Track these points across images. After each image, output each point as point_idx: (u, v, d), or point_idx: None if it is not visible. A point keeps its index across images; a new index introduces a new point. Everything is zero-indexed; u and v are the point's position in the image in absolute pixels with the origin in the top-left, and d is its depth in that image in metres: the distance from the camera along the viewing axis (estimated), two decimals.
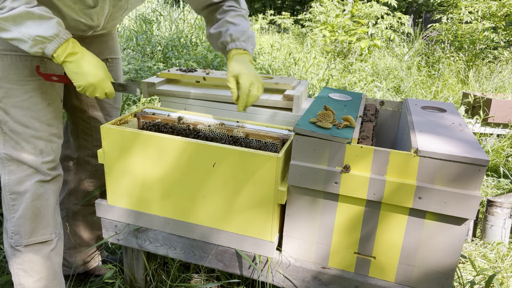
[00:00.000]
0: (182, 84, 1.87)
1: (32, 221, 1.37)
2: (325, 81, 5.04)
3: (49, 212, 1.40)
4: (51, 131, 1.37)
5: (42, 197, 1.37)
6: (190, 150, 1.29)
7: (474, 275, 1.88)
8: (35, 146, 1.34)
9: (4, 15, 1.08)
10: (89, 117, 1.61)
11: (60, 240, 1.47)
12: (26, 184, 1.35)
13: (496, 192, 2.86)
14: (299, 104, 1.64)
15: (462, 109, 3.87)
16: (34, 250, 1.39)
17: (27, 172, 1.35)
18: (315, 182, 1.23)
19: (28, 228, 1.37)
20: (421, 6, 14.62)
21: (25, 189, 1.35)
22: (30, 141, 1.33)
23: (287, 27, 11.00)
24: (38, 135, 1.34)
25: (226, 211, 1.33)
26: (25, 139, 1.32)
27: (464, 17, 7.35)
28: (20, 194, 1.35)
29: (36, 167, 1.35)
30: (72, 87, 1.50)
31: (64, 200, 1.70)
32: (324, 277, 1.32)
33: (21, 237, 1.37)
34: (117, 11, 1.36)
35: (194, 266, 1.73)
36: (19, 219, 1.36)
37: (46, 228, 1.40)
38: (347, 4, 7.69)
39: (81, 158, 1.67)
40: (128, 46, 5.18)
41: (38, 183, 1.36)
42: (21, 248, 1.38)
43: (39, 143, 1.34)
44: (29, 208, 1.36)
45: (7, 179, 1.35)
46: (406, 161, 1.13)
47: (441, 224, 1.16)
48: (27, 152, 1.33)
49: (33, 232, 1.38)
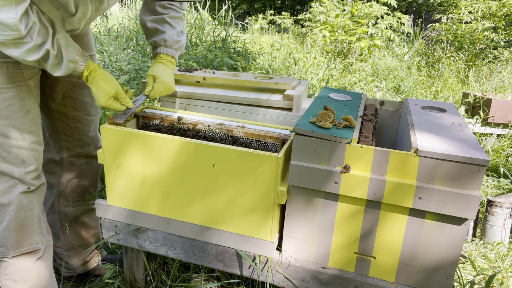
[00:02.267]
0: (182, 84, 1.87)
1: (18, 232, 1.34)
2: (325, 81, 5.04)
3: (34, 222, 1.37)
4: (32, 139, 1.33)
5: (27, 207, 1.34)
6: (190, 150, 1.29)
7: (474, 275, 1.88)
8: (16, 156, 1.30)
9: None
10: (68, 117, 1.58)
11: (48, 247, 1.45)
12: (9, 196, 1.31)
13: (496, 192, 2.86)
14: (299, 104, 1.64)
15: (462, 109, 3.87)
16: (21, 260, 1.37)
17: (10, 183, 1.31)
18: (315, 182, 1.23)
19: (14, 240, 1.34)
20: (421, 6, 14.62)
21: (8, 201, 1.31)
22: (11, 151, 1.29)
23: (287, 27, 11.00)
24: (19, 145, 1.30)
25: (226, 211, 1.33)
26: (5, 149, 1.28)
27: (464, 17, 7.35)
28: (3, 206, 1.32)
29: (19, 177, 1.31)
30: (47, 90, 1.51)
31: (54, 203, 1.67)
32: (324, 277, 1.32)
33: (7, 249, 1.34)
34: (98, 14, 1.39)
35: (194, 266, 1.73)
36: (4, 231, 1.33)
37: (32, 238, 1.38)
38: (347, 4, 7.69)
39: (64, 160, 1.64)
40: (128, 46, 5.18)
41: (22, 194, 1.32)
42: (7, 259, 1.35)
43: (21, 152, 1.31)
44: (14, 220, 1.32)
45: None
46: (406, 161, 1.13)
47: (441, 224, 1.16)
48: (8, 163, 1.29)
49: (20, 243, 1.35)
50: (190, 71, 1.97)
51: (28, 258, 1.37)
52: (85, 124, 1.62)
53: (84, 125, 1.62)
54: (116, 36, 5.49)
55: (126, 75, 3.69)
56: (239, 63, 4.75)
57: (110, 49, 4.82)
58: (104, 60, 4.33)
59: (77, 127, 1.60)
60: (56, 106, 1.55)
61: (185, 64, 4.40)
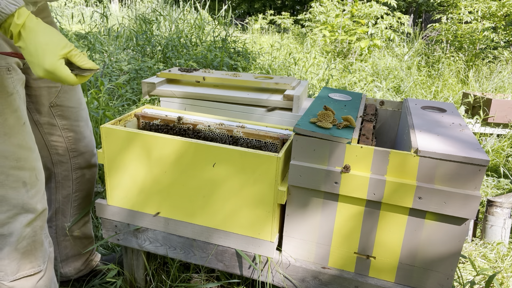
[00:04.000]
0: (182, 84, 1.87)
1: (19, 260, 1.20)
2: (325, 81, 5.04)
3: (37, 248, 1.24)
4: (32, 155, 1.16)
5: (29, 236, 1.20)
6: (190, 150, 1.29)
7: (474, 275, 1.88)
8: (16, 178, 1.13)
9: None
10: (58, 129, 1.43)
11: (50, 262, 1.32)
12: (10, 227, 1.16)
13: (496, 192, 2.86)
14: (299, 104, 1.64)
15: (462, 109, 3.87)
16: (22, 282, 1.23)
17: (9, 213, 1.14)
18: (315, 182, 1.23)
19: (14, 267, 1.20)
20: (421, 6, 14.62)
21: (9, 232, 1.16)
22: (11, 174, 1.11)
23: (287, 27, 11.00)
24: (20, 165, 1.13)
25: (226, 211, 1.33)
26: (3, 172, 1.10)
27: (464, 17, 7.35)
28: (3, 236, 1.16)
29: (22, 203, 1.15)
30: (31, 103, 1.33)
31: (51, 217, 1.58)
32: (324, 277, 1.32)
33: (6, 274, 1.20)
34: None
35: (194, 266, 1.73)
36: (3, 260, 1.18)
37: (34, 262, 1.24)
38: (346, 4, 7.69)
39: (59, 175, 1.51)
40: (128, 46, 5.18)
41: (24, 224, 1.17)
42: (6, 283, 1.21)
43: (21, 174, 1.14)
44: (15, 250, 1.18)
45: None
46: (406, 161, 1.13)
47: (441, 224, 1.16)
48: (7, 188, 1.12)
49: (20, 268, 1.22)
50: (190, 71, 1.97)
51: (29, 280, 1.25)
52: (78, 131, 1.48)
53: (76, 133, 1.47)
54: (116, 36, 5.49)
55: (126, 75, 3.69)
56: (239, 63, 4.75)
57: (110, 49, 4.82)
58: (104, 60, 4.33)
59: (69, 136, 1.45)
60: (43, 118, 1.39)
61: (185, 64, 4.40)
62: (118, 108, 3.25)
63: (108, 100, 3.41)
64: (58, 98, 1.38)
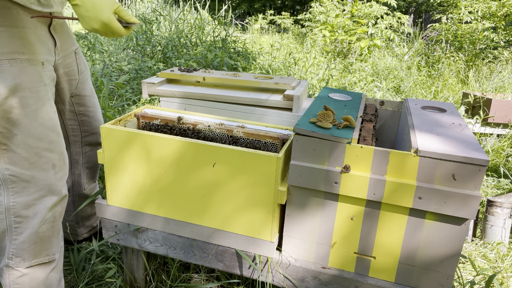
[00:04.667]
0: (182, 84, 1.87)
1: (37, 245, 1.28)
2: (325, 81, 5.04)
3: (54, 234, 1.32)
4: (61, 141, 1.29)
5: (49, 221, 1.29)
6: (190, 150, 1.29)
7: (474, 275, 1.88)
8: (47, 160, 1.23)
9: None
10: (75, 114, 1.58)
11: (61, 256, 1.40)
12: (34, 209, 1.24)
13: (496, 192, 2.86)
14: (299, 104, 1.64)
15: (462, 109, 3.87)
16: (36, 270, 1.31)
17: (36, 195, 1.24)
18: (315, 182, 1.23)
19: (31, 252, 1.28)
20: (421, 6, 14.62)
21: (33, 214, 1.24)
22: (43, 155, 1.22)
23: (287, 27, 11.00)
24: (52, 147, 1.24)
25: (226, 211, 1.33)
26: (37, 153, 1.21)
27: (464, 17, 7.35)
28: (27, 219, 1.24)
29: (50, 184, 1.25)
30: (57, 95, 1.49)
31: (69, 190, 1.73)
32: (324, 277, 1.32)
33: (23, 259, 1.28)
34: None
35: (194, 266, 1.73)
36: (23, 243, 1.26)
37: (50, 249, 1.32)
38: (346, 4, 7.69)
39: (73, 152, 1.69)
40: (128, 46, 5.18)
41: (48, 207, 1.26)
42: (21, 269, 1.29)
43: (52, 156, 1.24)
44: (36, 233, 1.26)
45: (11, 202, 1.22)
46: (406, 161, 1.13)
47: (441, 224, 1.16)
48: (37, 169, 1.22)
49: (37, 254, 1.29)
50: (190, 71, 1.97)
51: (42, 269, 1.32)
52: (91, 116, 1.65)
53: (89, 117, 1.64)
54: None
55: (126, 75, 3.69)
56: (239, 63, 4.75)
57: (110, 49, 4.82)
58: (104, 60, 4.33)
59: (83, 120, 1.62)
60: (66, 107, 1.55)
61: (185, 64, 4.40)
62: (118, 108, 3.25)
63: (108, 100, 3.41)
64: (77, 88, 1.54)
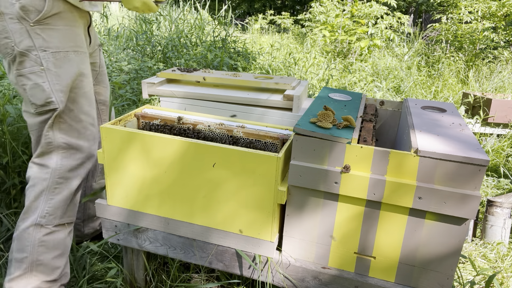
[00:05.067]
0: (182, 84, 1.87)
1: (68, 205, 1.47)
2: (325, 81, 5.04)
3: (77, 201, 1.52)
4: (96, 120, 1.53)
5: (81, 185, 1.50)
6: (190, 150, 1.29)
7: (474, 275, 1.88)
8: (91, 132, 1.47)
9: None
10: (96, 103, 1.69)
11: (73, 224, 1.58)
12: (77, 173, 1.45)
13: (496, 192, 2.86)
14: (299, 104, 1.64)
15: (462, 109, 3.87)
16: (60, 229, 1.48)
17: (79, 161, 1.45)
18: (315, 182, 1.23)
19: (63, 210, 1.46)
20: (421, 6, 14.62)
21: (75, 176, 1.45)
22: (89, 129, 1.47)
23: (287, 27, 11.00)
24: (94, 122, 1.49)
25: (226, 211, 1.33)
26: (85, 127, 1.45)
27: (464, 17, 7.35)
28: (68, 180, 1.44)
29: (90, 152, 1.48)
30: None
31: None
32: (324, 277, 1.32)
33: (55, 217, 1.44)
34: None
35: (194, 266, 1.73)
36: (60, 202, 1.44)
37: (73, 210, 1.51)
38: (346, 4, 7.69)
39: None
40: (128, 46, 5.18)
41: (85, 171, 1.48)
42: (51, 227, 1.45)
43: (94, 130, 1.49)
44: (72, 194, 1.46)
45: (59, 164, 1.42)
46: (406, 161, 1.13)
47: (441, 224, 1.16)
48: (84, 139, 1.45)
49: (65, 214, 1.47)
50: (190, 71, 1.97)
51: (64, 229, 1.49)
52: (107, 105, 1.78)
53: (106, 106, 1.77)
54: (116, 36, 5.49)
55: (126, 75, 3.69)
56: (239, 63, 4.75)
57: (110, 49, 4.82)
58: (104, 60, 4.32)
59: (103, 109, 1.75)
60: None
61: (185, 64, 4.40)
62: (118, 108, 3.25)
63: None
64: (96, 79, 1.69)
